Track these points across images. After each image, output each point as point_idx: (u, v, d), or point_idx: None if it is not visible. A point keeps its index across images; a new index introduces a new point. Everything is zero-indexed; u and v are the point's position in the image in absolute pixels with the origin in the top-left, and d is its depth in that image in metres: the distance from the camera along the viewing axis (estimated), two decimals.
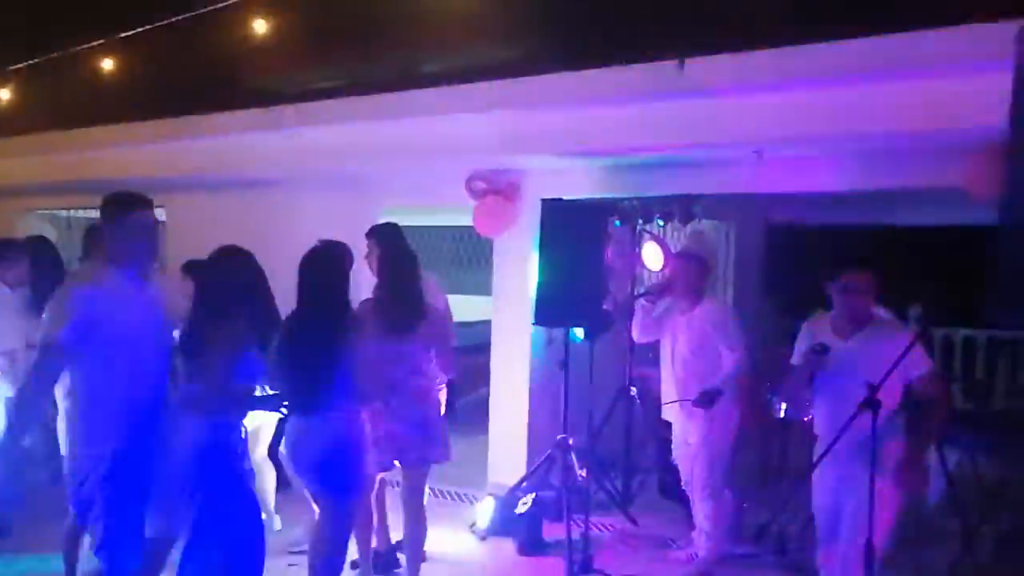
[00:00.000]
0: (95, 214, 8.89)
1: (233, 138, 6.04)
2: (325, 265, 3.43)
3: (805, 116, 4.12)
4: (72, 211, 8.72)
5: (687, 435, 4.50)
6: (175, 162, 6.57)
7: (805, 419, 4.85)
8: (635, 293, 5.26)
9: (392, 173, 5.86)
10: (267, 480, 4.64)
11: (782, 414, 4.98)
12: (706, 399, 4.28)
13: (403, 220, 9.60)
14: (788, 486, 4.77)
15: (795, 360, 3.56)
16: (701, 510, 4.47)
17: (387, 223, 4.13)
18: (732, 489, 5.06)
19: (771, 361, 5.56)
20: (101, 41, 5.68)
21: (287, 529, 4.77)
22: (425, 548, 4.16)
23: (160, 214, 7.44)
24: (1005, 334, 7.19)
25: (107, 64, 5.81)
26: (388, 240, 3.98)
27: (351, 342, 3.32)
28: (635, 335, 4.78)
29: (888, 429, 3.11)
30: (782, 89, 4.10)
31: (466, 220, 5.84)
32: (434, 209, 7.46)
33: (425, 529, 4.02)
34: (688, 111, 4.37)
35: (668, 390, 4.59)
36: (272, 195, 6.34)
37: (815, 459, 3.28)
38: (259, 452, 4.48)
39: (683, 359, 4.45)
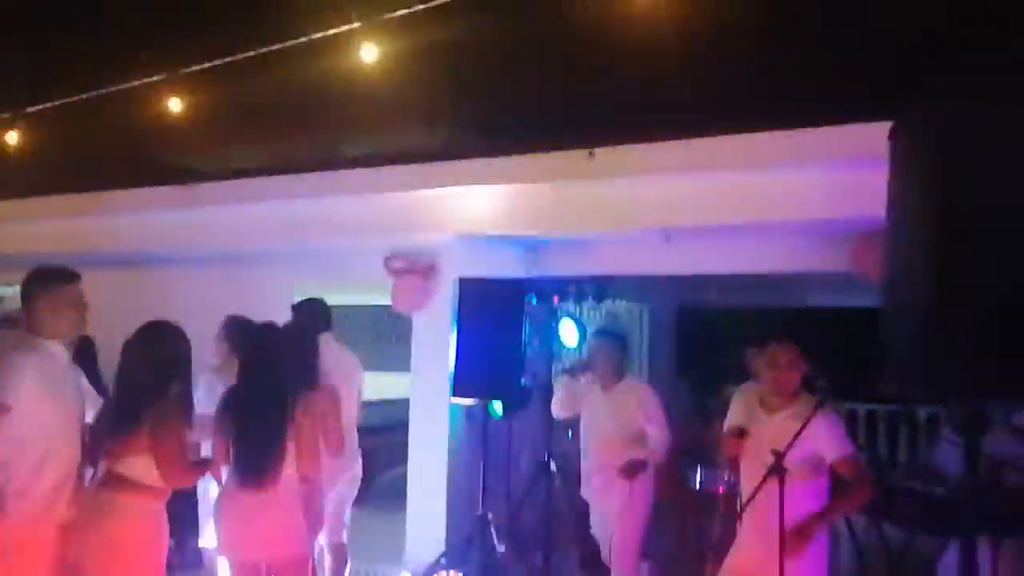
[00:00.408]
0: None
1: (147, 215, 5.99)
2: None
3: (710, 203, 4.40)
4: None
5: (606, 508, 4.55)
6: (86, 237, 6.44)
7: (720, 489, 5.03)
8: (555, 369, 5.38)
9: (310, 251, 5.88)
10: None
11: (698, 486, 5.10)
12: (631, 468, 4.36)
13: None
14: (708, 557, 4.85)
15: (725, 429, 3.63)
16: None
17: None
18: (651, 561, 5.15)
19: (685, 436, 5.74)
20: (7, 116, 5.59)
21: None
22: None
23: None
24: (903, 408, 7.60)
25: (17, 138, 5.70)
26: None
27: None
28: (555, 411, 4.81)
29: (801, 502, 3.18)
30: (688, 176, 4.37)
31: (385, 299, 5.89)
32: (352, 287, 7.46)
33: None
34: (599, 197, 4.60)
35: (587, 466, 4.65)
36: (188, 272, 6.27)
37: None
38: None
39: (605, 436, 4.52)
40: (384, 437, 6.56)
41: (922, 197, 2.08)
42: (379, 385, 8.25)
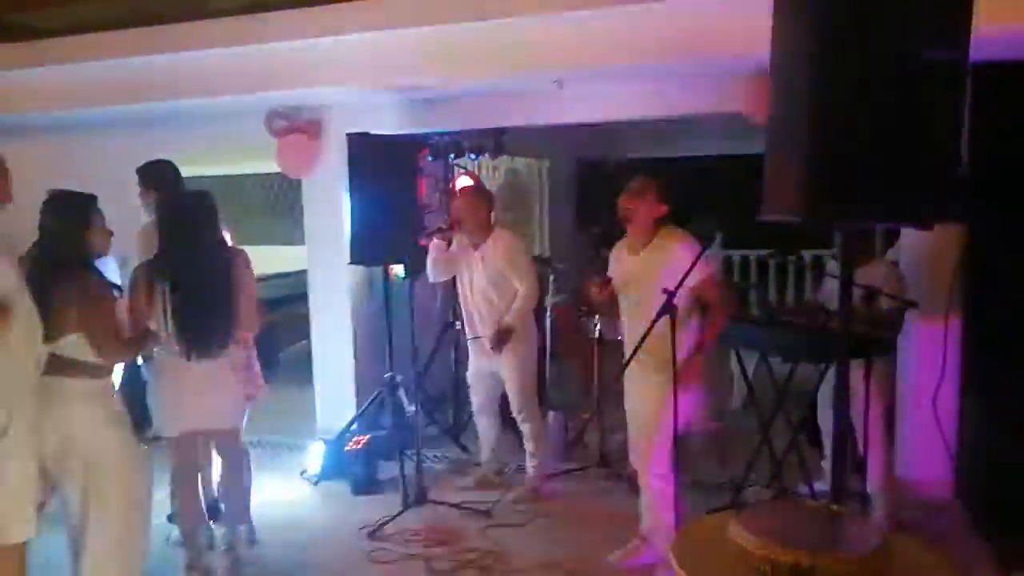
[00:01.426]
0: None
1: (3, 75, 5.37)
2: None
3: (602, 44, 4.22)
4: None
5: (491, 367, 4.59)
6: None
7: (619, 337, 5.18)
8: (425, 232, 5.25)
9: (190, 114, 5.44)
10: None
11: (596, 334, 5.22)
12: (499, 340, 4.41)
13: (207, 169, 9.07)
14: (603, 398, 5.05)
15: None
16: (525, 433, 4.63)
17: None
18: (556, 410, 5.32)
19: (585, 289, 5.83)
20: None
21: None
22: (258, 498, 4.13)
23: None
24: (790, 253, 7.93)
25: None
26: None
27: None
28: (430, 276, 4.70)
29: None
30: (579, 15, 4.17)
31: (274, 167, 5.58)
32: (236, 152, 7.05)
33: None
34: (488, 40, 4.35)
35: (468, 324, 4.67)
36: (53, 139, 5.74)
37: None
38: None
39: (481, 292, 4.51)
40: (284, 311, 6.41)
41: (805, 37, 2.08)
42: (275, 258, 8.03)
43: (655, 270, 3.43)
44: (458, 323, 5.60)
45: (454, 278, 4.73)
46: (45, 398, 2.84)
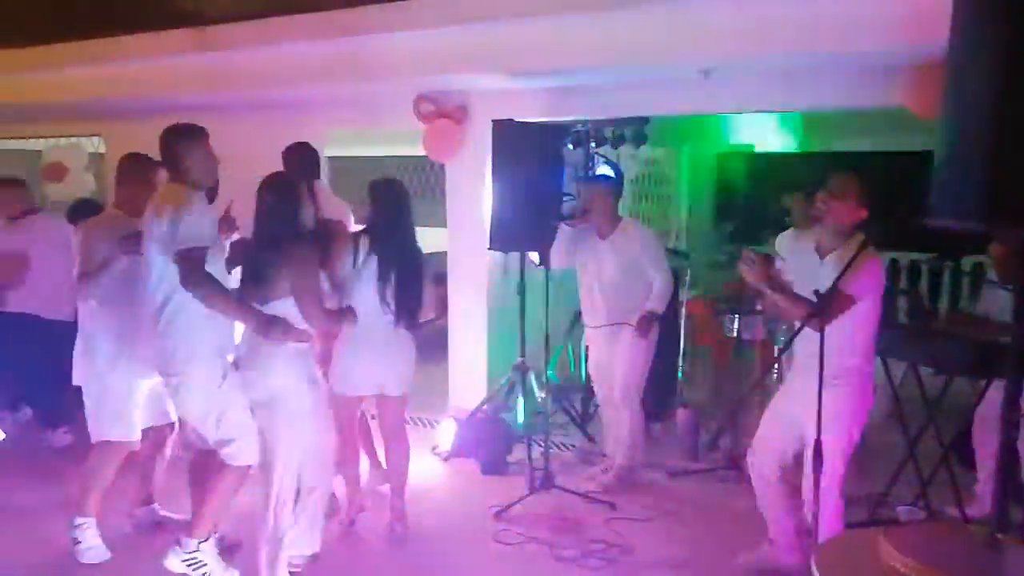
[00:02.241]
0: (27, 145, 8.53)
1: (166, 60, 5.78)
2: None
3: (752, 34, 4.08)
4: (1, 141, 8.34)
5: (611, 356, 4.56)
6: (104, 86, 6.27)
7: (759, 338, 5.02)
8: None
9: (338, 95, 5.67)
10: None
11: (734, 333, 5.08)
12: (646, 324, 4.38)
13: (353, 150, 9.45)
14: (738, 402, 4.91)
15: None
16: (621, 422, 4.60)
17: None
18: (687, 408, 5.22)
19: (724, 285, 5.68)
20: None
21: None
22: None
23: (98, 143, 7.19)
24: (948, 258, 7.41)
25: None
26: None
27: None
28: (553, 262, 4.64)
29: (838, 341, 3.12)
30: (730, 6, 4.05)
31: (418, 149, 5.73)
32: (383, 135, 7.27)
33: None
34: (637, 28, 4.29)
35: (591, 314, 4.63)
36: (213, 120, 6.11)
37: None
38: None
39: (610, 282, 4.49)
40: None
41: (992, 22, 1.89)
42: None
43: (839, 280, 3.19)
44: None
45: None
46: (255, 354, 3.23)
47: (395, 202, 3.79)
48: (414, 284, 3.74)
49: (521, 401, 5.22)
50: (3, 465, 4.65)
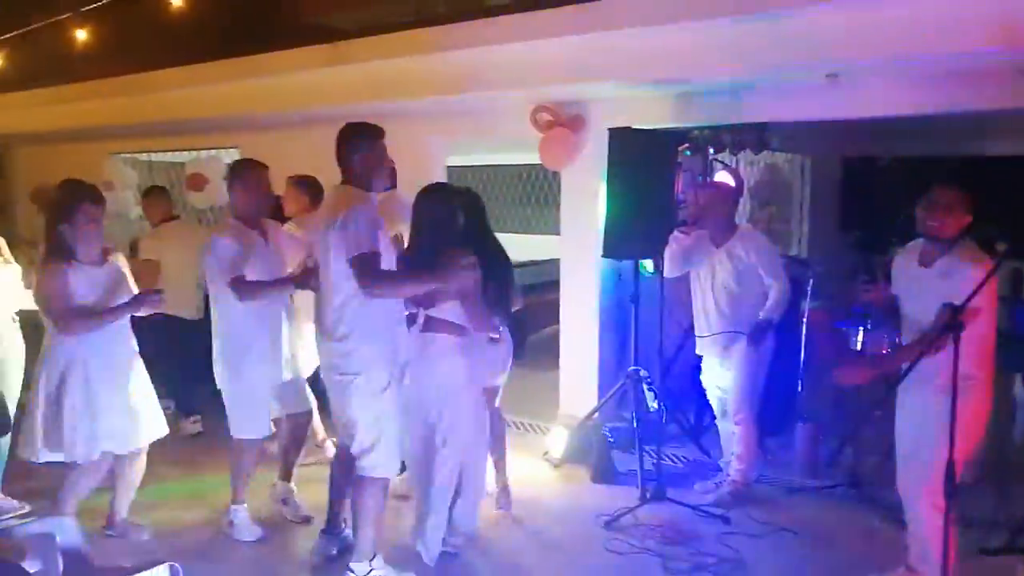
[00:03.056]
0: (173, 157, 9.20)
1: (302, 75, 6.09)
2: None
3: (883, 35, 3.92)
4: (152, 154, 9.00)
5: (724, 367, 4.49)
6: (245, 101, 6.67)
7: (883, 351, 4.79)
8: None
9: (459, 106, 5.81)
10: None
11: (859, 346, 4.87)
12: (759, 333, 4.30)
13: (469, 159, 9.66)
14: (863, 417, 4.70)
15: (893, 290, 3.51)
16: (736, 435, 4.49)
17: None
18: (807, 422, 5.05)
19: (847, 294, 5.45)
20: None
21: None
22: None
23: (233, 154, 7.67)
24: None
25: (176, 3, 5.89)
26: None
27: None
28: (666, 270, 4.63)
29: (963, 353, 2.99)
30: (858, 6, 3.90)
31: (533, 158, 5.80)
32: (500, 144, 7.40)
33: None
34: (756, 35, 4.21)
35: (703, 323, 4.55)
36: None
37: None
38: None
39: (725, 290, 4.41)
40: (534, 297, 6.66)
41: None
42: (527, 246, 8.36)
43: (943, 284, 3.12)
44: None
45: None
46: (425, 352, 3.57)
47: (480, 212, 3.97)
48: (508, 284, 3.94)
49: (633, 410, 5.18)
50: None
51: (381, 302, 3.31)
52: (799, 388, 5.44)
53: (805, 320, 5.42)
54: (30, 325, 4.17)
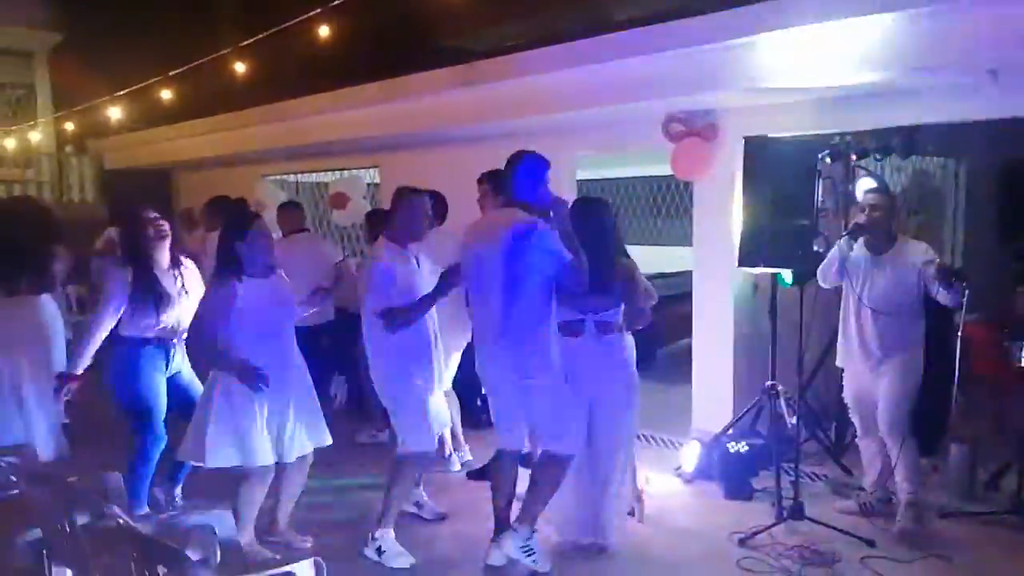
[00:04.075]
0: (318, 178, 9.77)
1: (436, 96, 6.32)
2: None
3: None
4: (299, 175, 9.58)
5: (871, 384, 4.27)
6: (384, 123, 6.99)
7: None
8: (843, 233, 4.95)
9: (587, 120, 5.86)
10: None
11: (1022, 362, 4.52)
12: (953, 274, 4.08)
13: (599, 171, 9.68)
14: None
15: None
16: (895, 455, 4.22)
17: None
18: (960, 443, 4.72)
19: (1008, 308, 5.08)
20: (315, 12, 6.11)
21: None
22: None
23: (375, 173, 8.04)
24: None
25: (322, 33, 6.26)
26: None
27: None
28: (821, 279, 4.47)
29: None
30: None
31: (662, 169, 5.75)
32: (631, 155, 7.38)
33: None
34: (907, 34, 4.01)
35: (853, 336, 4.34)
36: (474, 149, 6.59)
37: None
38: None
39: (885, 299, 4.20)
40: (666, 310, 6.56)
41: None
42: (659, 258, 8.26)
43: None
44: None
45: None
46: (609, 350, 3.96)
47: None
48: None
49: (770, 426, 5.01)
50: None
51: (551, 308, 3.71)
52: (953, 406, 5.09)
53: (960, 333, 5.07)
54: None
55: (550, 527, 4.09)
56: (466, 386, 5.25)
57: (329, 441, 4.01)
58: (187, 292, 4.17)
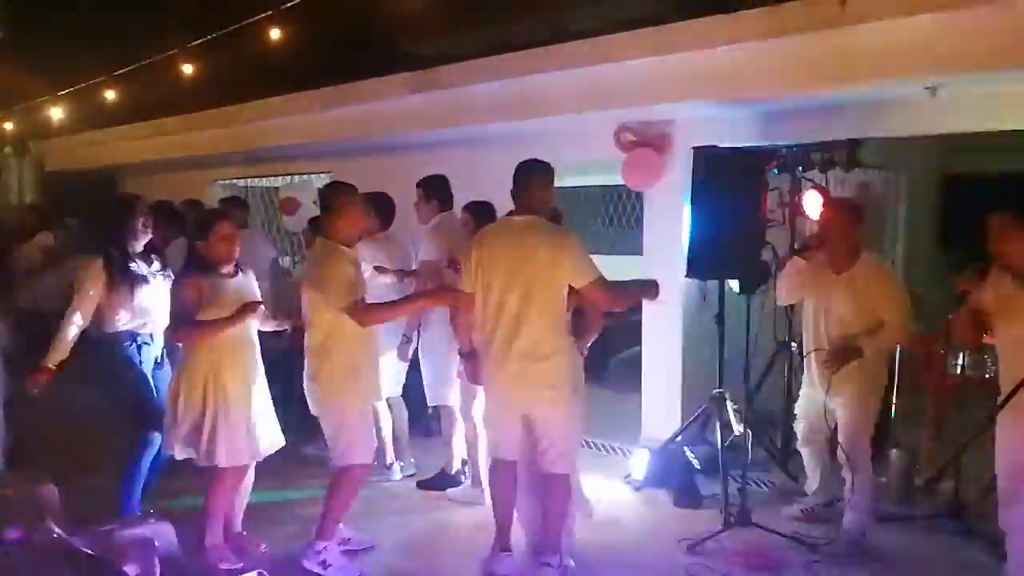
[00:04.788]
0: (268, 182, 9.62)
1: (389, 102, 6.29)
2: None
3: (986, 43, 3.77)
4: (250, 180, 9.44)
5: (827, 402, 4.17)
6: (337, 128, 6.92)
7: (987, 376, 4.57)
8: (793, 247, 5.03)
9: (541, 129, 5.88)
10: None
11: (959, 370, 4.66)
12: (839, 357, 3.97)
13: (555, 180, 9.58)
14: (962, 446, 4.47)
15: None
16: (849, 480, 4.17)
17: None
18: (901, 450, 4.84)
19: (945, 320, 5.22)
20: (267, 13, 6.04)
21: None
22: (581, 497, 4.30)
23: (324, 179, 7.96)
24: None
25: (274, 35, 6.18)
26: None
27: None
28: (779, 296, 4.43)
29: None
30: (959, 13, 3.77)
31: (614, 179, 5.80)
32: (581, 165, 7.42)
33: None
34: (850, 48, 4.11)
35: (814, 355, 4.25)
36: (426, 156, 6.57)
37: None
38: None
39: (840, 322, 4.07)
40: (616, 318, 6.61)
41: None
42: (610, 267, 8.31)
43: None
44: (793, 344, 5.35)
45: None
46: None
47: None
48: None
49: (717, 433, 5.08)
50: None
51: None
52: (891, 414, 5.23)
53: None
54: None
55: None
56: (416, 395, 5.21)
57: (282, 442, 4.05)
58: (167, 276, 4.19)
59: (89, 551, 2.55)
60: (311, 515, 4.10)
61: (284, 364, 4.61)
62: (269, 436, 3.95)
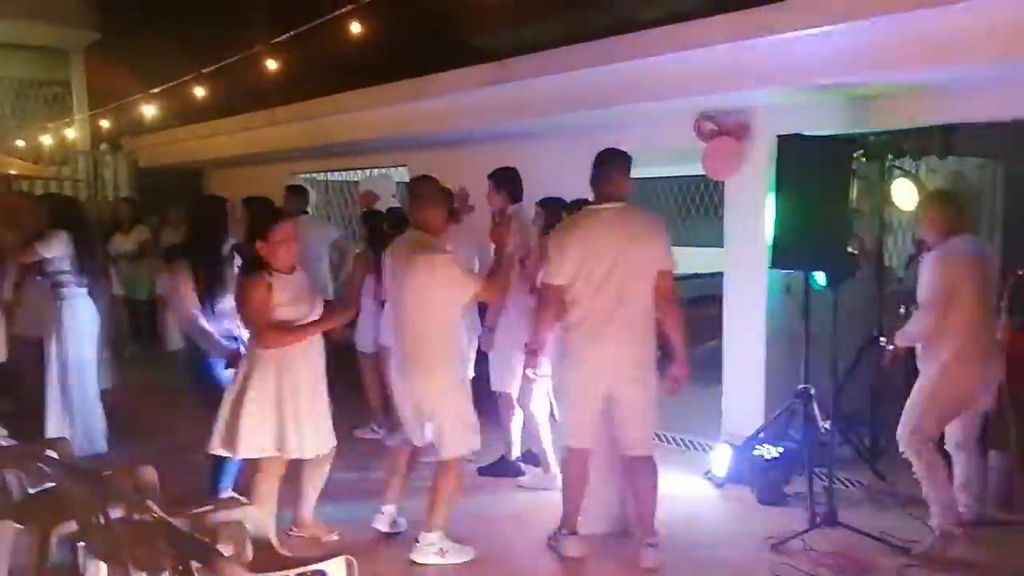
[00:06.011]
0: (348, 176, 9.79)
1: (464, 95, 6.31)
2: None
3: None
4: (329, 174, 9.64)
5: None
6: (412, 122, 6.99)
7: None
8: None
9: (616, 119, 5.80)
10: None
11: None
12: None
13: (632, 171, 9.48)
14: None
15: None
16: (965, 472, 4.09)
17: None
18: (999, 449, 4.62)
19: None
20: (346, 10, 6.10)
21: None
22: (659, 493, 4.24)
23: (404, 172, 8.06)
24: None
25: (352, 31, 6.25)
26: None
27: None
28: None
29: None
30: None
31: (689, 168, 5.69)
32: (663, 154, 7.32)
33: None
34: (946, 28, 3.91)
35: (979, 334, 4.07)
36: (504, 147, 6.56)
37: None
38: None
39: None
40: (695, 311, 6.50)
41: None
42: (688, 259, 8.18)
43: None
44: (884, 339, 5.15)
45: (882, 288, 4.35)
46: None
47: None
48: None
49: (803, 430, 4.94)
50: None
51: None
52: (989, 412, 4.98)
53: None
54: None
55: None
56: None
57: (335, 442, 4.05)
58: None
59: (186, 531, 2.64)
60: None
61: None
62: (317, 437, 3.88)
